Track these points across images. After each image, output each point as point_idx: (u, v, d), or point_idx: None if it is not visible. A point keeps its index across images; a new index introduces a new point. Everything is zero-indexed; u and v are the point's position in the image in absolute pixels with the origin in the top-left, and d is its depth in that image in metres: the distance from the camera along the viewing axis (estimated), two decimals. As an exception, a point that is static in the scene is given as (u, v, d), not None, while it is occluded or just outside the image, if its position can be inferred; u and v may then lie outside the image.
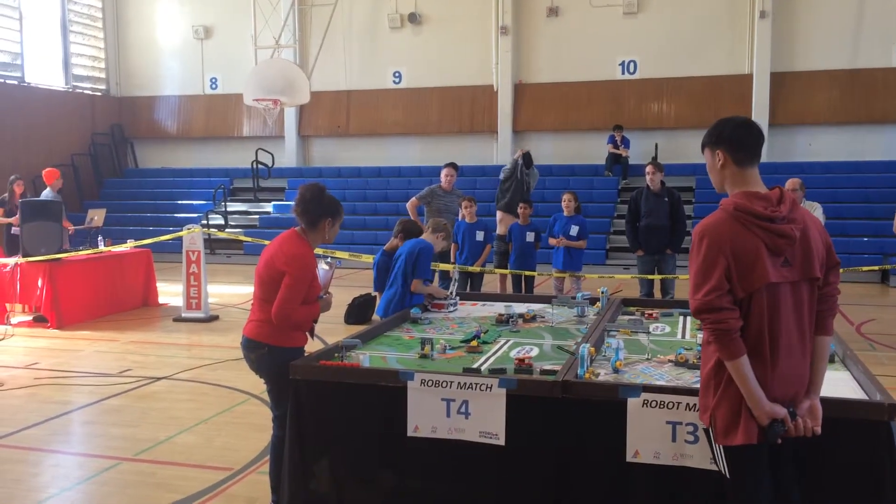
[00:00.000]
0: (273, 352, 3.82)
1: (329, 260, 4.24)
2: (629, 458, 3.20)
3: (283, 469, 3.80)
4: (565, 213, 8.79)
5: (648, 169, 8.57)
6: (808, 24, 16.10)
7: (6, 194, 10.25)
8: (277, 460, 3.88)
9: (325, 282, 4.07)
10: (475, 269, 8.58)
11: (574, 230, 8.69)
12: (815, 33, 16.05)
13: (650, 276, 8.59)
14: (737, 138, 2.73)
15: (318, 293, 3.95)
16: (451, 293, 5.48)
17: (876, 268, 11.58)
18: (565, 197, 8.84)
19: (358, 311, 9.13)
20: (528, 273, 8.82)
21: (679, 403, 3.13)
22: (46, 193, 10.33)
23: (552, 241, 8.84)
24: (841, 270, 2.85)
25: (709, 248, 2.61)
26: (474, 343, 4.23)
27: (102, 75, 19.96)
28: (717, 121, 2.82)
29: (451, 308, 5.31)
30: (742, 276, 2.59)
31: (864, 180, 15.27)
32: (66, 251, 9.55)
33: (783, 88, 16.19)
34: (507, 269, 9.00)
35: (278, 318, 3.74)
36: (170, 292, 11.03)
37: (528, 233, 8.86)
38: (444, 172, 9.29)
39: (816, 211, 7.95)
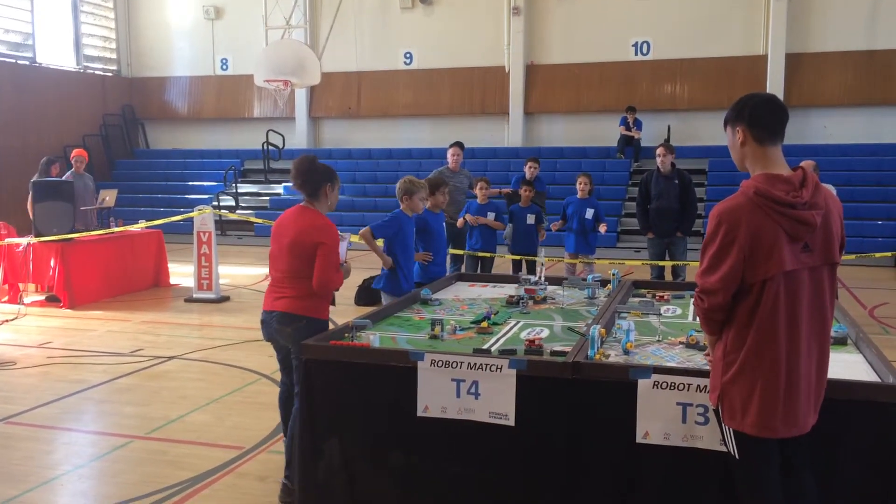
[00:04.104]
0: (310, 324, 4.03)
1: (340, 233, 4.42)
2: (639, 439, 3.19)
3: (294, 448, 3.82)
4: (579, 196, 8.67)
5: (659, 151, 8.50)
6: (824, 4, 15.88)
7: (35, 176, 10.22)
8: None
9: (343, 252, 4.32)
10: (486, 254, 8.54)
11: (589, 213, 8.55)
12: (831, 14, 15.84)
13: (661, 263, 8.54)
14: (758, 115, 2.66)
15: (339, 262, 4.19)
16: (540, 278, 5.28)
17: (889, 254, 11.48)
18: (580, 179, 8.71)
19: (368, 292, 9.14)
20: (529, 257, 8.75)
21: (689, 385, 3.11)
22: (69, 174, 10.40)
23: (553, 227, 8.73)
24: (853, 255, 2.84)
25: (725, 234, 2.58)
26: (484, 324, 4.22)
27: (113, 56, 19.96)
28: (741, 97, 2.74)
29: (541, 293, 5.05)
30: (757, 262, 2.56)
31: (879, 163, 15.12)
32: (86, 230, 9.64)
33: (798, 70, 16.01)
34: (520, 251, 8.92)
35: (322, 285, 4.01)
36: (181, 273, 11.08)
37: (528, 215, 8.76)
38: (449, 152, 9.23)
39: (830, 194, 7.88)
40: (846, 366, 3.41)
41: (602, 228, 8.52)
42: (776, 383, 2.61)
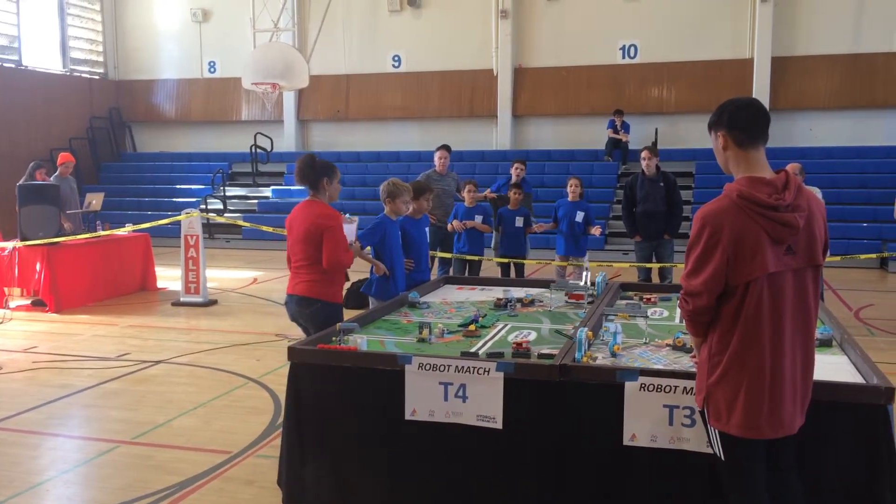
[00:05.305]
0: (324, 307, 4.58)
1: (349, 216, 5.10)
2: (626, 442, 3.20)
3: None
4: (570, 199, 8.68)
5: (644, 154, 8.53)
6: (810, 8, 16.00)
7: (22, 180, 10.14)
8: None
9: (349, 234, 4.86)
10: (475, 257, 8.55)
11: (579, 216, 8.56)
12: (816, 18, 15.96)
13: (648, 265, 8.57)
14: (737, 120, 2.68)
15: (348, 243, 4.72)
16: (586, 283, 5.17)
17: (874, 255, 11.58)
18: (571, 182, 8.71)
19: (357, 295, 9.10)
20: (517, 260, 8.75)
21: (676, 387, 3.13)
22: (55, 178, 10.36)
23: (536, 228, 8.73)
24: (839, 257, 2.87)
25: (709, 237, 2.60)
26: (472, 327, 4.22)
27: (100, 59, 19.86)
28: (723, 102, 2.77)
29: (589, 299, 4.96)
30: (740, 264, 2.58)
31: (864, 165, 15.24)
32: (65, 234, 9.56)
33: (784, 73, 16.12)
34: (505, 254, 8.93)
35: (332, 264, 4.51)
36: (168, 277, 11.03)
37: (517, 217, 8.77)
38: (436, 156, 9.23)
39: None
40: (831, 367, 3.43)
41: (596, 231, 8.55)
42: (761, 384, 2.62)
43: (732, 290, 2.62)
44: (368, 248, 5.48)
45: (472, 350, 3.78)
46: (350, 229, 4.94)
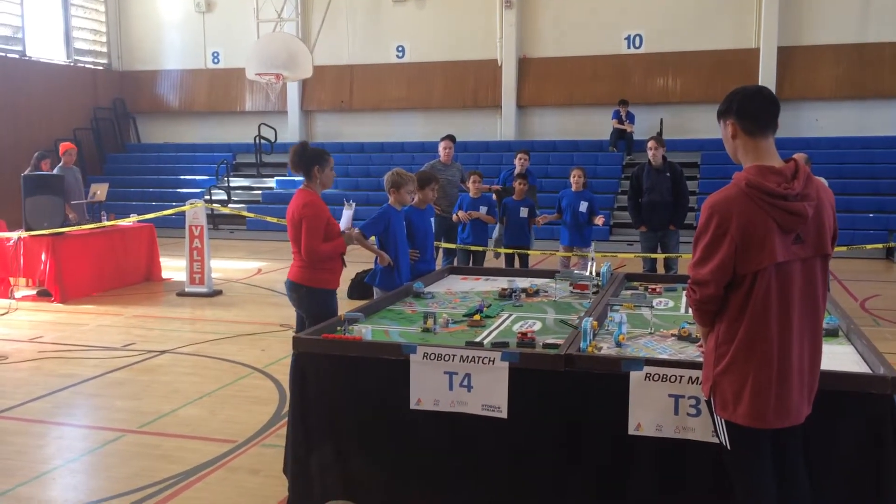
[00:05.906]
0: (310, 292, 4.71)
1: (350, 201, 5.12)
2: (631, 431, 3.19)
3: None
4: (574, 189, 8.65)
5: (650, 144, 8.50)
6: (816, -3, 15.92)
7: (27, 170, 10.15)
8: None
9: (346, 220, 4.95)
10: (480, 248, 8.54)
11: (583, 206, 8.54)
12: (822, 7, 15.86)
13: (653, 255, 8.55)
14: (746, 108, 2.66)
15: (338, 231, 4.78)
16: (591, 273, 5.15)
17: (880, 245, 11.55)
18: (575, 172, 8.69)
19: (361, 286, 9.11)
20: (521, 251, 8.74)
21: (682, 377, 3.12)
22: (59, 168, 10.37)
23: (540, 220, 8.72)
24: (845, 248, 2.85)
25: (717, 226, 2.59)
26: (477, 317, 4.21)
27: (104, 49, 19.83)
28: (732, 90, 2.75)
29: (594, 289, 4.96)
30: (749, 254, 2.56)
31: (870, 156, 15.18)
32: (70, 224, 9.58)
33: (790, 63, 16.04)
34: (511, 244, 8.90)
35: (307, 255, 4.60)
36: (173, 267, 11.05)
37: (521, 208, 8.74)
38: (441, 146, 9.20)
39: (822, 186, 7.91)
40: (837, 357, 3.42)
41: (599, 221, 8.52)
42: (768, 374, 2.61)
43: (740, 280, 2.61)
44: (373, 237, 5.46)
45: (477, 340, 3.77)
46: (347, 216, 4.97)
